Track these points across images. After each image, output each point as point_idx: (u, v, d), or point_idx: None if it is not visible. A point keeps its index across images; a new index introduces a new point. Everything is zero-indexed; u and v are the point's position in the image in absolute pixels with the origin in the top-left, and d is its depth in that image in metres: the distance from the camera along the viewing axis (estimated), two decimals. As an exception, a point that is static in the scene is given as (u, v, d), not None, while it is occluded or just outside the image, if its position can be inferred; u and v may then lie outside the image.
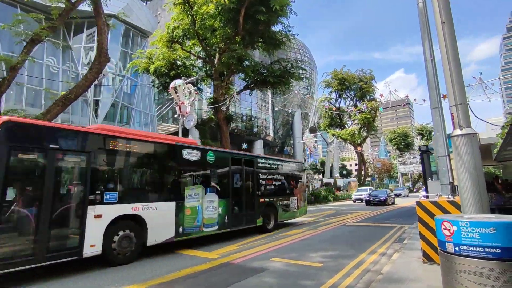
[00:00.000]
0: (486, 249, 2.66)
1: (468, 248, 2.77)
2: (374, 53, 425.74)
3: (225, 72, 21.72)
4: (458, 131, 3.80)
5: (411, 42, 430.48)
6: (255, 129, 59.67)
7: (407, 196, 40.52)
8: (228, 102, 21.23)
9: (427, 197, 5.83)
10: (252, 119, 59.83)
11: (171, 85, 19.80)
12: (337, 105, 47.77)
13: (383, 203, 24.16)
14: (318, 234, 10.19)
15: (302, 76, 23.34)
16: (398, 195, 40.02)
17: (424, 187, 25.74)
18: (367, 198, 25.54)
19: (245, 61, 21.35)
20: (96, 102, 33.43)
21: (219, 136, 24.67)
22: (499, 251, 2.62)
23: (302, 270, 5.56)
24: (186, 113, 20.24)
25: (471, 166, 3.62)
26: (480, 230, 2.72)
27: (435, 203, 4.96)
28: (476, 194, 3.52)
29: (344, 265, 5.80)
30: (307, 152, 42.05)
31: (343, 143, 59.27)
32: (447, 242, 2.95)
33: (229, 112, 22.88)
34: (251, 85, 23.92)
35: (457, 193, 5.05)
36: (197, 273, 5.52)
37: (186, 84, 20.53)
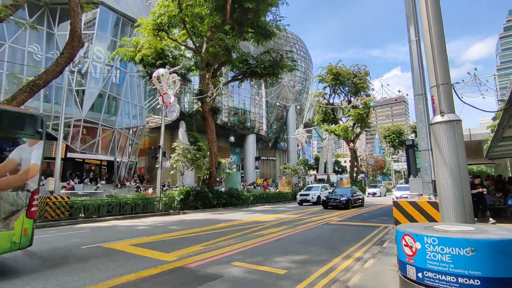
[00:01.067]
0: (460, 279, 1.78)
1: (435, 276, 1.90)
2: (371, 50, 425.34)
3: (212, 62, 20.85)
4: (438, 118, 3.07)
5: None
6: (248, 124, 58.83)
7: (385, 195, 39.01)
8: (214, 94, 20.38)
9: (407, 196, 5.14)
10: (245, 113, 58.96)
11: (154, 74, 18.93)
12: (330, 101, 47.08)
13: (345, 205, 18.78)
14: (296, 233, 9.50)
15: (294, 67, 22.48)
16: (373, 194, 38.55)
17: (397, 186, 23.50)
18: (324, 199, 20.28)
19: (233, 51, 20.48)
20: (83, 92, 32.31)
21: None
22: (479, 283, 1.75)
23: (261, 278, 4.84)
24: (170, 103, 19.39)
25: (452, 161, 2.90)
26: (452, 250, 1.85)
27: (413, 204, 4.27)
28: (458, 197, 2.80)
29: (311, 273, 5.09)
30: (299, 147, 41.36)
31: (338, 139, 58.79)
32: (407, 264, 2.16)
33: (215, 104, 22.00)
34: (239, 77, 23.07)
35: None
36: (139, 280, 4.78)
37: (170, 73, 19.65)
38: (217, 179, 26.07)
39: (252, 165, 59.53)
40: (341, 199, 19.06)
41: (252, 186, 40.79)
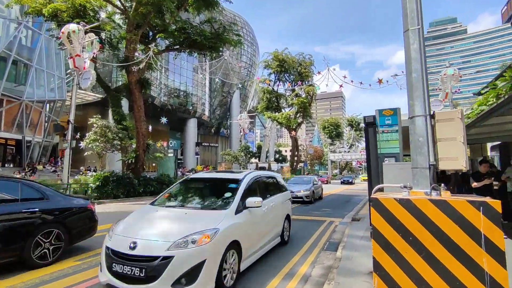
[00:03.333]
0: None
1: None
2: (315, 46, 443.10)
3: (141, 24, 17.45)
4: None
5: (348, 42, 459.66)
6: (190, 107, 55.06)
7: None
8: (143, 63, 17.14)
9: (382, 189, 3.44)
10: (187, 96, 55.00)
11: (63, 29, 14.99)
12: (275, 88, 46.21)
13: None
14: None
15: (238, 42, 20.24)
16: None
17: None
18: None
19: (166, 14, 17.41)
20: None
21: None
22: None
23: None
24: (84, 68, 15.68)
25: None
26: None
27: (407, 205, 2.58)
28: None
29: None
30: (241, 133, 39.71)
31: (280, 127, 58.85)
32: None
33: (144, 76, 18.69)
34: (176, 47, 20.01)
35: (442, 185, 2.71)
36: None
37: (86, 32, 15.87)
38: (145, 164, 22.83)
39: (192, 150, 56.29)
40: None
41: (191, 173, 38.04)
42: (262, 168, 48.03)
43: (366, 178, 48.40)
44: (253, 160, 60.91)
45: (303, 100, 40.06)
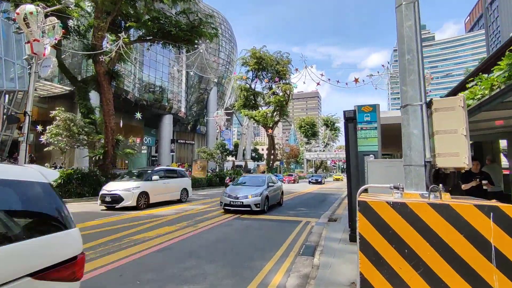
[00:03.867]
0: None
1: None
2: (293, 47, 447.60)
3: (110, 11, 16.26)
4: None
5: (325, 42, 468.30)
6: (166, 103, 53.19)
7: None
8: (112, 53, 15.99)
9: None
10: (163, 91, 53.09)
11: (18, 10, 13.62)
12: (252, 86, 45.72)
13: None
14: (195, 235, 6.97)
15: (214, 35, 19.49)
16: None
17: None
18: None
19: (140, 1, 16.37)
20: None
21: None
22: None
23: None
24: (44, 55, 14.35)
25: None
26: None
27: (402, 209, 2.14)
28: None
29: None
30: (217, 131, 38.83)
31: (257, 125, 58.51)
32: None
33: (113, 67, 17.46)
34: (149, 38, 18.93)
35: (441, 186, 2.29)
36: None
37: (47, 16, 14.56)
38: (117, 160, 21.58)
39: (167, 147, 54.49)
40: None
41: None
42: (239, 167, 47.39)
43: (339, 177, 47.04)
44: (229, 158, 59.98)
45: (280, 98, 39.88)
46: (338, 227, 7.34)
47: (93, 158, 17.65)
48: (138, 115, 33.51)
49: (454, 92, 6.68)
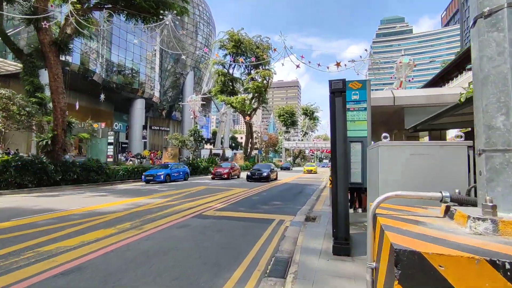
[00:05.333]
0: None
1: None
2: (274, 35, 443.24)
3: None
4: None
5: (307, 33, 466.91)
6: (137, 86, 49.78)
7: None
8: (63, 21, 13.56)
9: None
10: (134, 73, 49.57)
11: None
12: (230, 71, 43.61)
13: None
14: (129, 244, 5.32)
15: (184, 10, 17.37)
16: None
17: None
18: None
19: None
20: None
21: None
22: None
23: None
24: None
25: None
26: None
27: None
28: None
29: None
30: (191, 117, 36.64)
31: (235, 112, 56.56)
32: None
33: (62, 37, 14.93)
34: (108, 6, 16.48)
35: None
36: None
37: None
38: (72, 146, 19.21)
39: (139, 134, 51.39)
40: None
41: (137, 158, 34.04)
42: (216, 155, 45.47)
43: (312, 168, 44.35)
44: (207, 146, 57.74)
45: (259, 84, 38.19)
46: (318, 231, 5.96)
47: (39, 143, 15.30)
48: (102, 96, 30.62)
49: (434, 81, 5.41)
